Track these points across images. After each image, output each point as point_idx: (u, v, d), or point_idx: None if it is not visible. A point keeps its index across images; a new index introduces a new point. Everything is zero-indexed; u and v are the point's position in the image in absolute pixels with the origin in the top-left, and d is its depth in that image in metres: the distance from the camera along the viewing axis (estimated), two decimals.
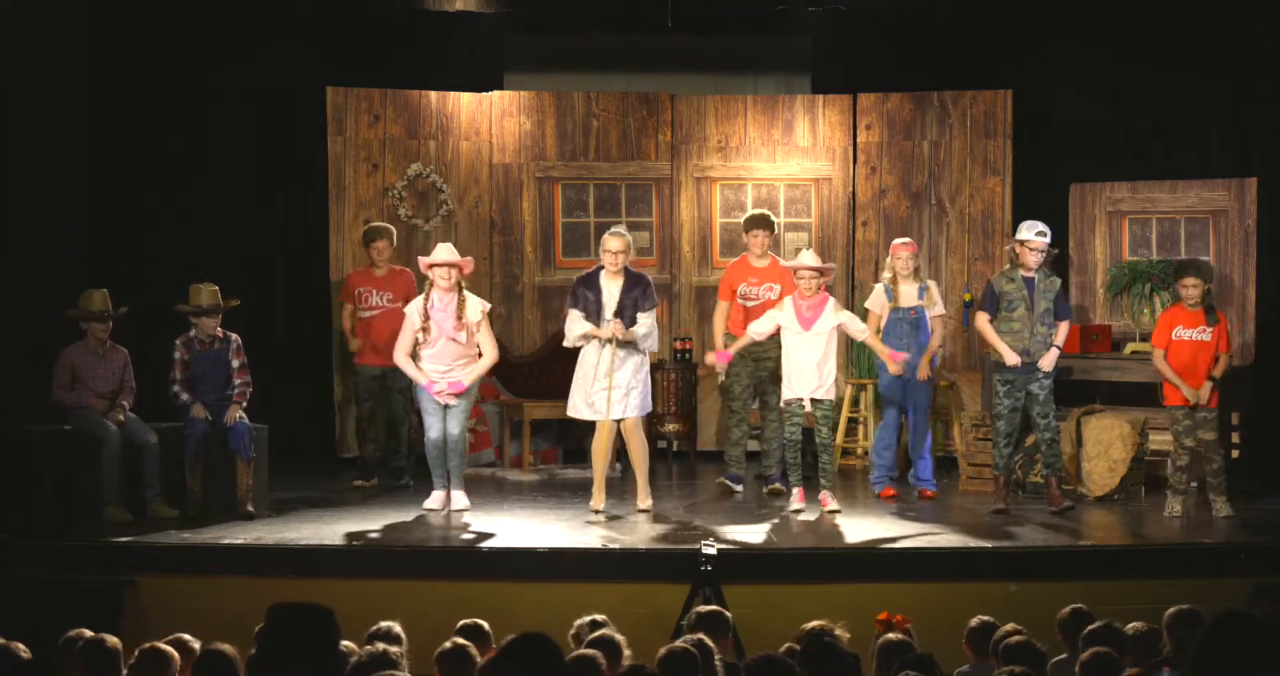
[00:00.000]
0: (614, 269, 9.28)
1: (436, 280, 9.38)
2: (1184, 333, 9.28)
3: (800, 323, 9.34)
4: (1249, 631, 3.87)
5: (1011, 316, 9.33)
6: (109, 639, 5.51)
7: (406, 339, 9.45)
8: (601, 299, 9.26)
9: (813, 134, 12.51)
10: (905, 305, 10.08)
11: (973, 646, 6.12)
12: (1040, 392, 9.32)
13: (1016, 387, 9.32)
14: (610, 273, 9.30)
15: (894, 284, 10.11)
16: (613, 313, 9.23)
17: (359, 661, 4.97)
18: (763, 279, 10.31)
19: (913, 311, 10.08)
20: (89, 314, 9.29)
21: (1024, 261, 9.33)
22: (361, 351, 10.70)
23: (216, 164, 11.71)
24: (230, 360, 9.44)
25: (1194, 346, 9.27)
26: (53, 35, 10.50)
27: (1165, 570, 8.06)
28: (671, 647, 4.97)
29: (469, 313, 9.39)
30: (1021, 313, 9.31)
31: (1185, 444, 9.26)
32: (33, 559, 8.22)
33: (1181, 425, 9.26)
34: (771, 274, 10.30)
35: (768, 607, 7.55)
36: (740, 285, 10.33)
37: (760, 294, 10.28)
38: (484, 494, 10.23)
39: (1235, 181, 11.29)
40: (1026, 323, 9.30)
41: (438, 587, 7.91)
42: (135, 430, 9.19)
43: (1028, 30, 11.97)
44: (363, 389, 10.73)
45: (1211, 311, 9.31)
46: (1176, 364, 9.26)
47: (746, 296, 10.31)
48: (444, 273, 9.36)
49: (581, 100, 12.46)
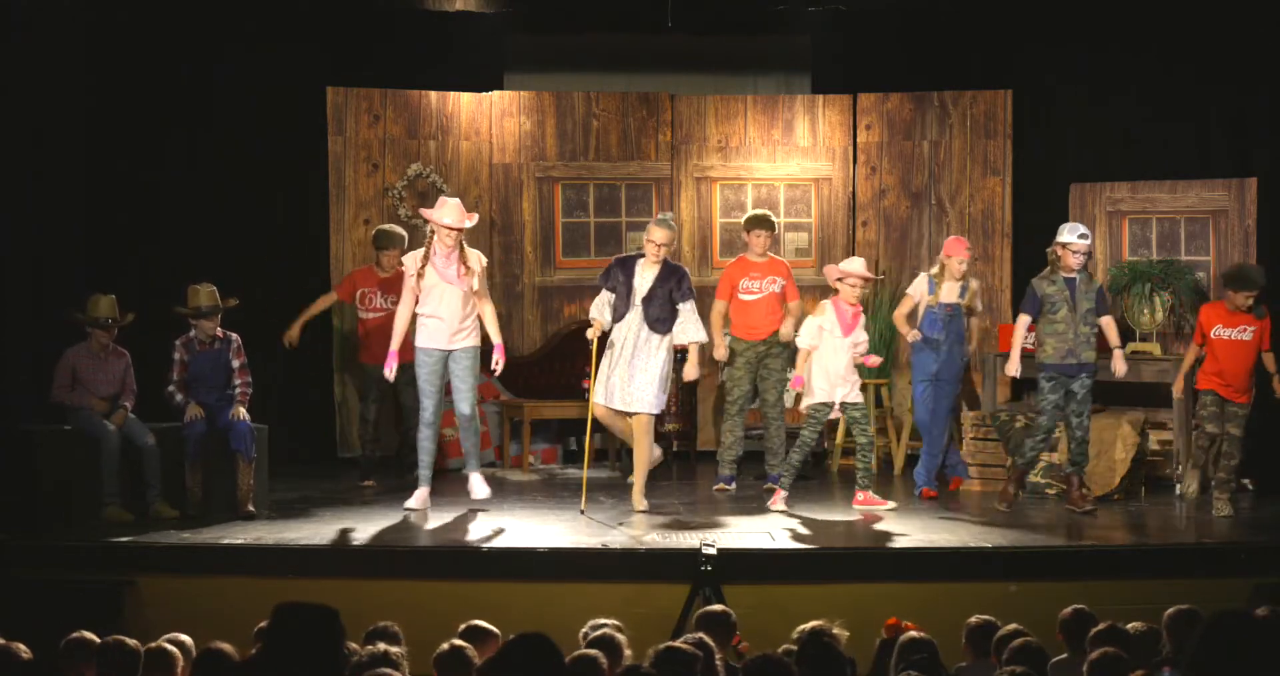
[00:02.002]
0: (655, 259, 9.33)
1: (441, 238, 9.24)
2: (1224, 332, 9.42)
3: (842, 327, 9.45)
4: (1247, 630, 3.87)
5: (1055, 318, 9.38)
6: (129, 641, 5.50)
7: (409, 294, 9.33)
8: (633, 283, 9.30)
9: (813, 134, 12.52)
10: (945, 301, 10.06)
11: (972, 645, 6.12)
12: (1080, 391, 9.38)
13: (1060, 384, 9.37)
14: (649, 261, 9.34)
15: (939, 278, 10.07)
16: (642, 298, 9.27)
17: (359, 661, 4.97)
18: (764, 273, 10.34)
19: (949, 308, 10.06)
20: (93, 320, 9.27)
21: (1066, 263, 9.40)
22: (367, 349, 10.66)
23: (216, 164, 11.71)
24: (231, 360, 9.44)
25: (1234, 345, 9.37)
26: (53, 35, 10.50)
27: (1165, 570, 8.06)
28: (668, 646, 4.96)
29: (471, 260, 9.30)
30: (1064, 314, 9.37)
31: (1209, 430, 9.40)
32: (33, 559, 8.21)
33: (1208, 410, 9.39)
34: (772, 268, 10.35)
35: (768, 607, 7.54)
36: (741, 280, 10.35)
37: (763, 287, 10.32)
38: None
39: (1235, 181, 11.30)
40: (1070, 323, 9.36)
41: (438, 587, 7.90)
42: (135, 431, 9.19)
43: (1028, 30, 11.98)
44: (369, 387, 10.69)
45: (1258, 305, 9.42)
46: (1216, 362, 9.38)
47: (748, 291, 10.32)
48: (449, 233, 9.23)
49: (581, 100, 12.47)
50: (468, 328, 9.36)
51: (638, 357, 9.24)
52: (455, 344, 9.34)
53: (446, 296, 9.28)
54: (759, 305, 10.31)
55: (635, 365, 9.23)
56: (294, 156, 11.98)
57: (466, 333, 9.36)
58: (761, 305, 10.31)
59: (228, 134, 11.72)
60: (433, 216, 9.28)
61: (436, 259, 9.28)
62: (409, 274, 9.33)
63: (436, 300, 9.29)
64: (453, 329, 9.32)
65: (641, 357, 9.25)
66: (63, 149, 10.76)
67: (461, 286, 9.27)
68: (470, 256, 9.31)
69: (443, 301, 9.28)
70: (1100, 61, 11.79)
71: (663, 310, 9.28)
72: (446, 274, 9.26)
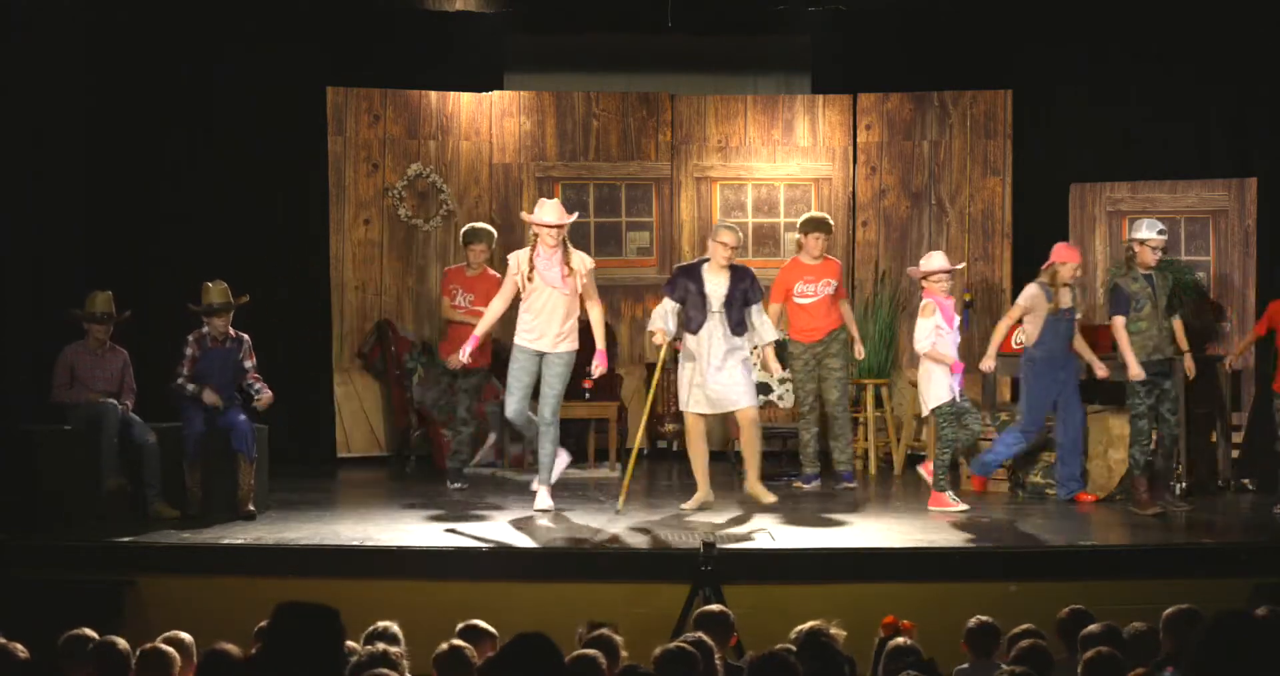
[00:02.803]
0: (724, 263, 9.31)
1: (544, 237, 9.18)
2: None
3: (948, 322, 9.53)
4: (1249, 631, 3.87)
5: (1140, 315, 9.37)
6: (119, 642, 5.50)
7: (507, 290, 9.29)
8: (704, 290, 9.27)
9: (813, 134, 12.52)
10: (1065, 306, 9.88)
11: (972, 646, 6.11)
12: (1172, 389, 9.39)
13: (1153, 385, 9.34)
14: (717, 266, 9.32)
15: (1054, 286, 9.80)
16: (721, 304, 9.27)
17: (359, 661, 4.97)
18: (819, 276, 10.38)
19: (1067, 314, 9.91)
20: (89, 316, 9.28)
21: (1144, 260, 9.39)
22: (448, 346, 10.61)
23: (216, 164, 11.71)
24: (242, 361, 9.42)
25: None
26: (52, 35, 10.50)
27: (1165, 570, 8.05)
28: (668, 647, 4.96)
29: (575, 261, 9.22)
30: (1149, 311, 9.38)
31: None
32: (33, 559, 8.21)
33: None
34: (826, 270, 10.41)
35: (768, 607, 7.53)
36: (796, 284, 10.36)
37: (819, 290, 10.37)
38: (484, 494, 10.23)
39: (1235, 181, 11.30)
40: (1153, 319, 9.37)
41: (438, 587, 7.90)
42: (135, 430, 9.18)
43: (1028, 30, 11.98)
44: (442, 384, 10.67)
45: None
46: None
47: (804, 294, 10.36)
48: (551, 232, 9.17)
49: (581, 100, 12.47)
50: (566, 332, 9.26)
51: (727, 361, 9.26)
52: (552, 347, 9.26)
53: (548, 299, 9.19)
54: (816, 308, 10.36)
55: (726, 368, 9.24)
56: (294, 156, 11.98)
57: (564, 337, 9.26)
58: (819, 308, 10.36)
59: (228, 134, 11.72)
60: (533, 217, 9.26)
61: (539, 261, 9.18)
62: (511, 271, 9.25)
63: (539, 302, 9.20)
64: (552, 332, 9.23)
65: (731, 361, 9.27)
66: (63, 149, 10.76)
67: (564, 290, 9.17)
68: (574, 258, 9.24)
69: (544, 303, 9.19)
70: (1100, 61, 11.80)
71: (740, 313, 9.31)
72: (549, 276, 9.16)
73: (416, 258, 12.24)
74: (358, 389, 12.04)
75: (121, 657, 5.41)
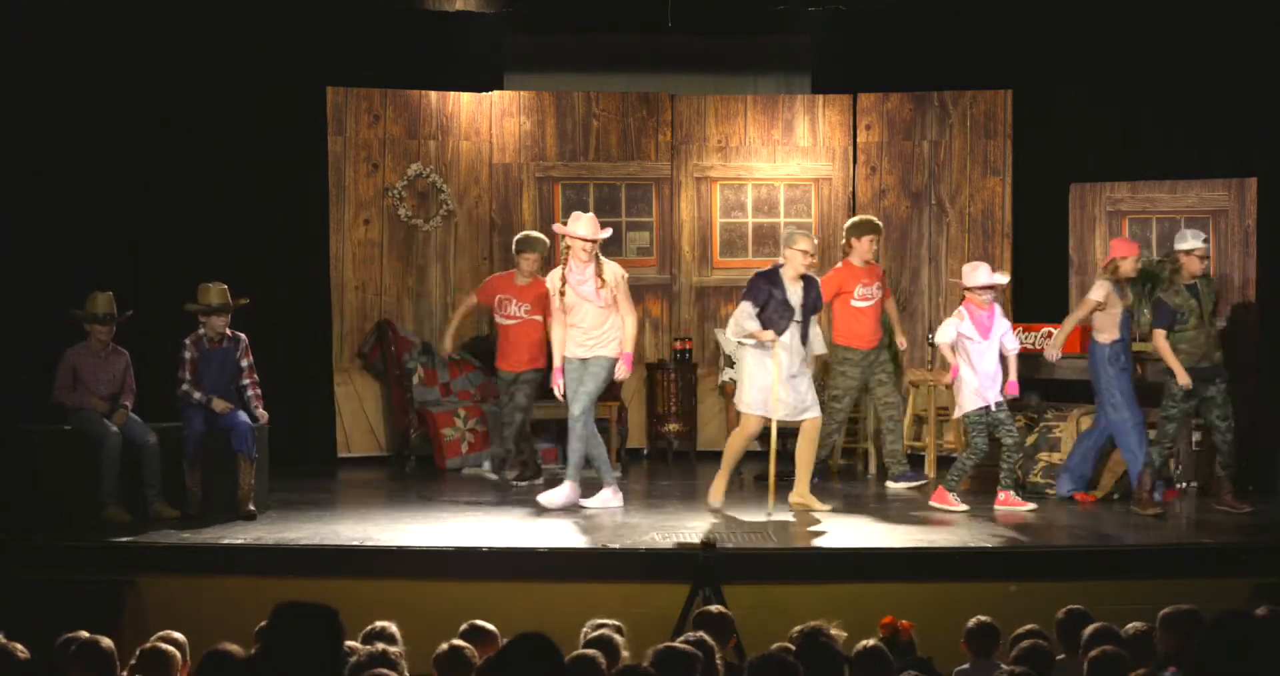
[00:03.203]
0: (804, 269, 9.33)
1: (576, 252, 9.31)
2: None
3: (980, 332, 9.46)
4: (1249, 630, 3.88)
5: (1187, 326, 9.33)
6: (103, 640, 5.49)
7: (556, 310, 9.47)
8: (787, 297, 9.27)
9: (813, 134, 12.52)
10: (1129, 302, 9.79)
11: (972, 646, 6.12)
12: (1218, 395, 9.35)
13: (1195, 392, 9.30)
14: (798, 272, 9.32)
15: (1119, 282, 9.73)
16: (803, 312, 9.29)
17: (358, 661, 4.97)
18: (873, 279, 10.43)
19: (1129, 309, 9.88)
20: (91, 316, 9.27)
21: (1190, 270, 9.37)
22: (503, 356, 10.66)
23: (216, 164, 11.70)
24: (239, 360, 9.42)
25: None
26: (52, 35, 10.50)
27: (1165, 570, 8.06)
28: (667, 646, 4.96)
29: (607, 273, 9.35)
30: (1194, 321, 9.33)
31: None
32: (32, 559, 8.22)
33: None
34: (876, 273, 10.49)
35: (768, 607, 7.54)
36: (856, 287, 10.35)
37: (874, 294, 10.41)
38: (484, 494, 10.24)
39: (1235, 181, 11.29)
40: (1201, 327, 9.34)
41: (438, 587, 7.91)
42: (135, 430, 9.18)
43: (1028, 30, 11.98)
44: (503, 394, 10.72)
45: None
46: None
47: (864, 297, 10.37)
48: (584, 246, 9.29)
49: (581, 100, 12.47)
50: (602, 338, 9.41)
51: (801, 369, 9.31)
52: (591, 352, 9.42)
53: (584, 309, 9.37)
54: (871, 312, 10.39)
55: (800, 375, 9.29)
56: (294, 156, 11.97)
57: (602, 343, 9.42)
58: (874, 312, 10.40)
59: (228, 134, 11.71)
60: (566, 230, 9.36)
61: (571, 275, 9.33)
62: (552, 292, 9.46)
63: (578, 313, 9.39)
64: (590, 339, 9.41)
65: (801, 368, 9.32)
66: (63, 149, 10.75)
67: (599, 302, 9.33)
68: (606, 270, 9.37)
69: (582, 314, 9.38)
70: (1100, 61, 11.79)
71: (809, 321, 9.36)
72: (583, 291, 9.32)
73: (416, 258, 12.24)
74: (358, 389, 12.04)
75: (106, 656, 5.40)
